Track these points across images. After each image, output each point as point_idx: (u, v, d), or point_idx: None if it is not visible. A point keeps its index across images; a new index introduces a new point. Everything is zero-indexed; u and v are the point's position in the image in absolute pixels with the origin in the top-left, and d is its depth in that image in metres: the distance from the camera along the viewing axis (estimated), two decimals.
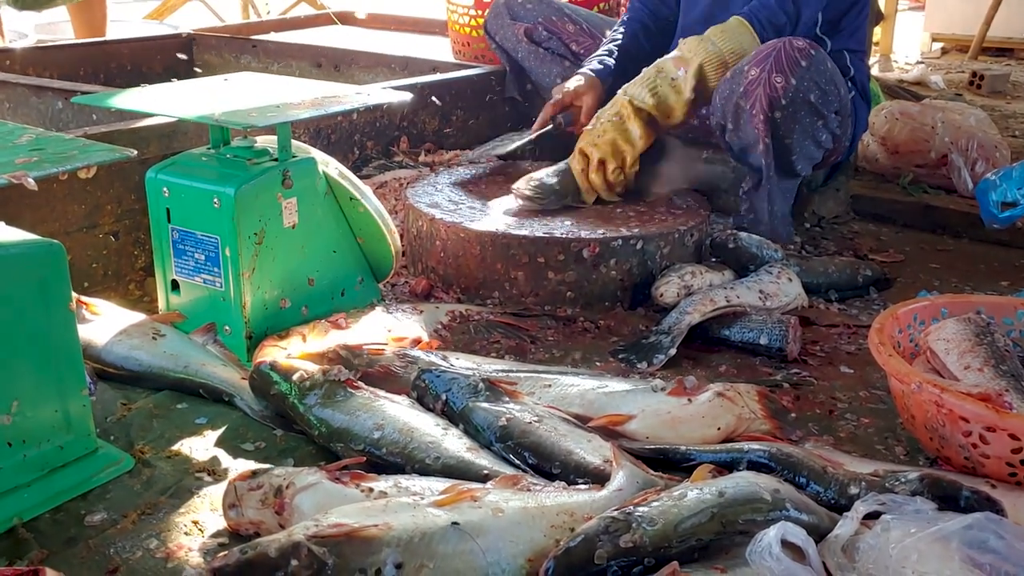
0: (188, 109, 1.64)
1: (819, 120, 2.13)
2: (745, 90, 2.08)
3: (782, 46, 2.05)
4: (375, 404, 1.42)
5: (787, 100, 2.06)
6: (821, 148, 2.21)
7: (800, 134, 2.12)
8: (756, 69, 2.06)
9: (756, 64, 2.07)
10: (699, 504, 1.13)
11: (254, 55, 3.37)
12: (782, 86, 2.04)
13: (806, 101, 2.08)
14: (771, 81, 2.04)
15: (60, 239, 1.80)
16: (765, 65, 2.05)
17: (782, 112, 2.07)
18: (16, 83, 2.54)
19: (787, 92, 2.05)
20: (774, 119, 2.08)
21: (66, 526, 1.25)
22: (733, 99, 2.11)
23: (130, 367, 1.61)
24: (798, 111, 2.08)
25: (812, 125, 2.13)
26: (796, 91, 2.05)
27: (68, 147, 1.27)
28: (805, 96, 2.07)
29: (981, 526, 1.08)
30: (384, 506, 1.14)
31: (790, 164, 2.18)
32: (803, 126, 2.11)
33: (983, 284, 2.19)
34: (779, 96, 2.05)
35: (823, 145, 2.20)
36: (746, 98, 2.09)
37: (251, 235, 1.64)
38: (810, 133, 2.14)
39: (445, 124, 2.64)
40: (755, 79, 2.06)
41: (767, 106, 2.06)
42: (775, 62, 2.04)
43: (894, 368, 1.38)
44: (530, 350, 1.79)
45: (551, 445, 1.34)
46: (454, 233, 1.98)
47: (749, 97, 2.08)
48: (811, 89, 2.07)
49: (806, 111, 2.09)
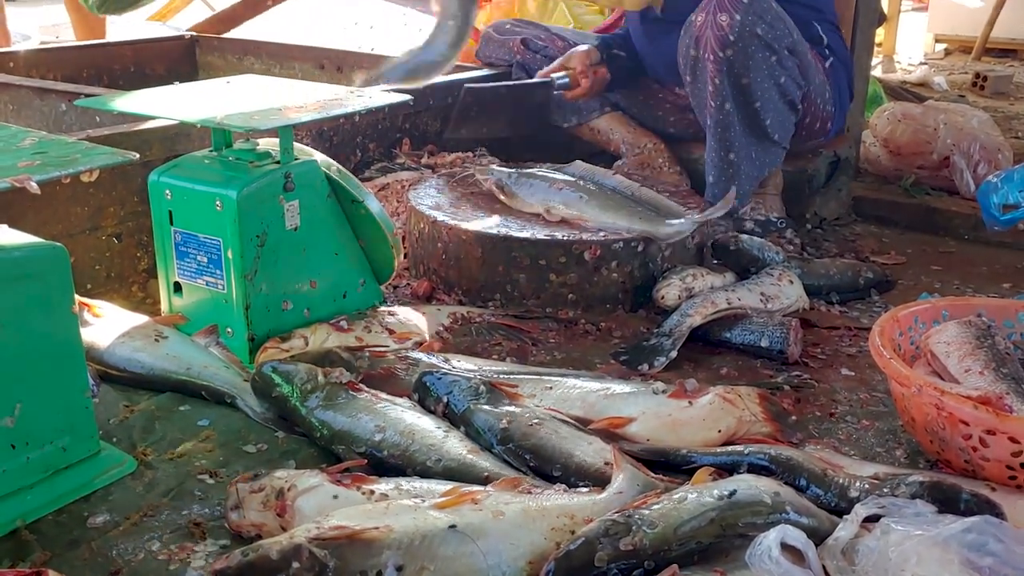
0: (190, 112, 1.65)
1: (772, 56, 2.15)
2: (696, 37, 2.14)
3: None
4: (376, 406, 1.42)
5: (735, 36, 2.10)
6: (786, 98, 2.22)
7: (756, 72, 2.14)
8: (702, 15, 2.13)
9: (701, 10, 2.14)
10: (699, 507, 1.13)
11: (257, 56, 3.38)
12: (727, 23, 2.09)
13: (754, 34, 2.11)
14: (716, 21, 2.10)
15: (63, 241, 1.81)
16: (708, 7, 2.12)
17: (732, 49, 2.11)
18: (20, 85, 2.55)
19: (733, 28, 2.09)
20: (727, 58, 2.12)
21: (69, 528, 1.26)
22: (689, 51, 2.17)
23: (133, 369, 1.61)
24: (748, 45, 2.11)
25: (766, 61, 2.15)
26: (742, 25, 2.09)
27: (71, 151, 1.27)
28: (752, 29, 2.10)
29: (980, 529, 1.08)
30: (385, 508, 1.14)
31: (756, 116, 2.19)
32: (756, 62, 2.14)
33: (985, 286, 2.19)
34: (726, 33, 2.10)
35: (787, 93, 2.21)
36: (697, 46, 2.15)
37: (253, 237, 1.64)
38: (766, 72, 2.16)
39: (447, 126, 2.64)
40: (702, 23, 2.13)
41: (718, 46, 2.11)
42: (717, 3, 2.10)
43: (894, 371, 1.38)
44: (531, 352, 1.80)
45: (552, 447, 1.35)
46: (456, 235, 1.98)
47: (700, 43, 2.14)
48: (757, 23, 2.11)
49: (756, 44, 2.12)
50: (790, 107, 2.25)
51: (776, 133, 2.24)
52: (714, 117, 2.19)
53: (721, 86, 2.14)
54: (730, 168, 2.22)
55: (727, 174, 2.22)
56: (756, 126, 2.20)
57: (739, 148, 2.20)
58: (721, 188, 2.21)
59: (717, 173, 2.24)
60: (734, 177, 2.22)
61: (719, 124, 2.19)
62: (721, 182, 2.23)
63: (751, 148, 2.22)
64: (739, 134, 2.19)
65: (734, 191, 2.11)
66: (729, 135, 2.19)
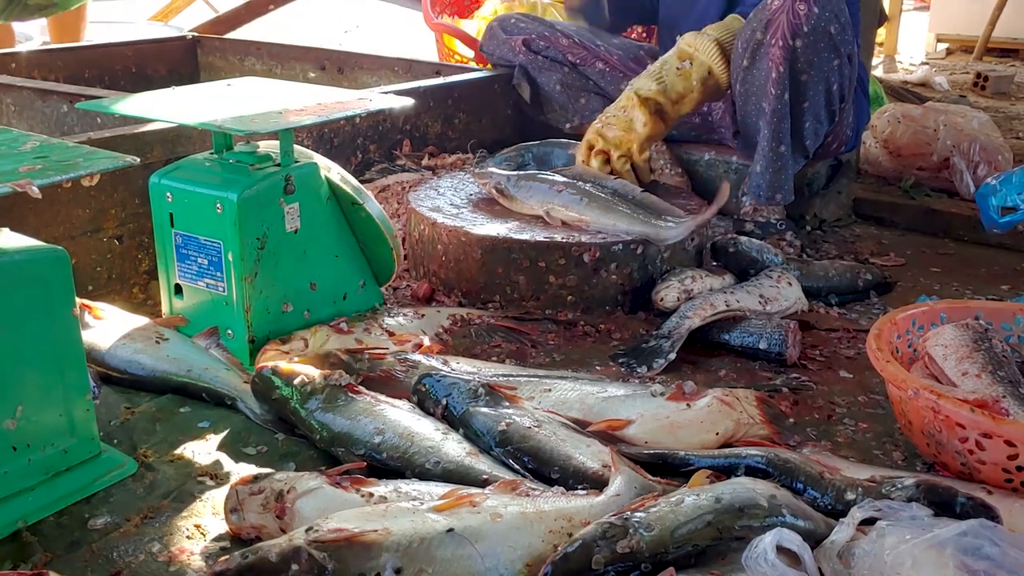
0: (191, 115, 1.66)
1: (835, 59, 2.13)
2: (767, 21, 2.11)
3: None
4: (376, 409, 1.43)
5: (809, 28, 2.08)
6: (830, 107, 2.19)
7: (817, 71, 2.12)
8: (779, 0, 2.09)
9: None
10: (696, 510, 1.14)
11: (258, 57, 3.39)
12: (805, 13, 2.07)
13: (827, 31, 2.09)
14: (795, 8, 2.07)
15: (64, 243, 1.82)
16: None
17: (803, 40, 2.09)
18: (22, 87, 2.56)
19: (809, 19, 2.07)
20: (794, 48, 2.10)
21: (70, 530, 1.27)
22: (754, 34, 2.14)
23: (133, 371, 1.62)
24: (819, 41, 2.09)
25: (828, 62, 2.13)
26: (818, 19, 2.07)
27: (72, 155, 1.28)
28: (826, 26, 2.08)
29: (976, 533, 1.09)
30: (384, 511, 1.15)
31: (800, 116, 2.17)
32: (821, 60, 2.12)
33: (984, 288, 2.20)
34: (801, 23, 2.08)
35: (832, 102, 2.19)
36: (767, 29, 2.12)
37: (254, 240, 1.65)
38: (825, 73, 2.13)
39: (448, 127, 2.65)
40: (779, 7, 2.10)
41: (789, 33, 2.08)
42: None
43: (891, 374, 1.38)
44: (531, 354, 1.80)
45: (550, 450, 1.35)
46: (455, 237, 1.99)
47: (771, 27, 2.11)
48: (832, 21, 2.09)
49: (825, 43, 2.10)
50: (829, 117, 2.23)
51: (808, 139, 2.23)
52: (772, 106, 2.16)
53: (783, 75, 2.12)
54: (779, 160, 2.19)
55: (775, 166, 2.20)
56: (797, 125, 2.19)
57: (788, 143, 2.19)
58: (767, 179, 2.20)
59: (765, 163, 2.20)
60: (782, 170, 2.20)
61: (776, 114, 2.16)
62: (768, 173, 2.20)
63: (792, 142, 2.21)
64: (788, 129, 2.17)
65: (727, 186, 2.10)
66: (783, 127, 2.17)
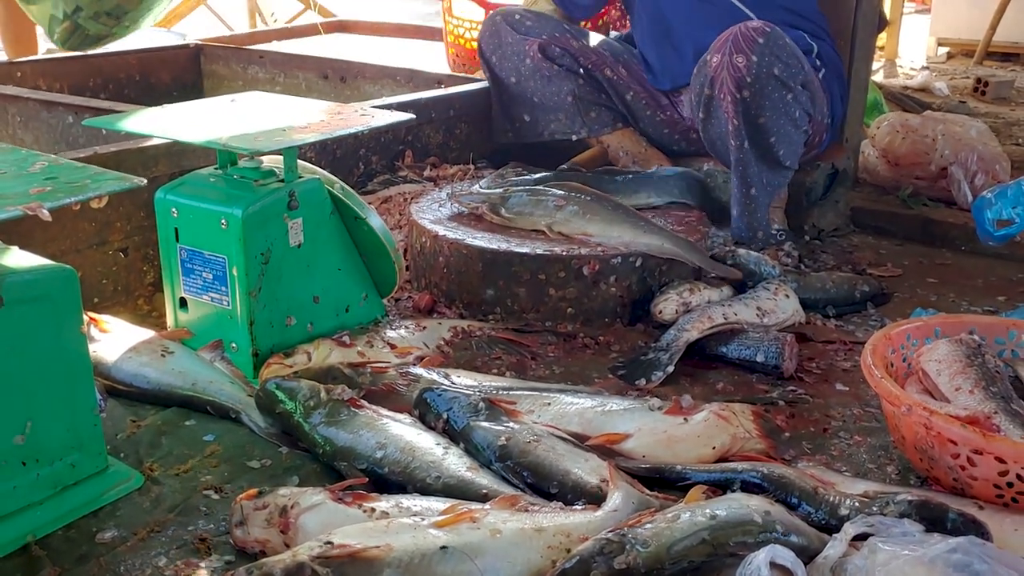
0: (195, 133, 1.68)
1: (788, 93, 2.17)
2: (712, 78, 2.16)
3: (737, 29, 2.14)
4: (378, 423, 1.45)
5: (752, 77, 2.12)
6: (799, 129, 2.24)
7: (772, 111, 2.16)
8: (717, 56, 2.14)
9: (716, 51, 2.15)
10: (692, 526, 1.16)
11: (261, 66, 3.41)
12: (744, 64, 2.11)
13: (771, 75, 2.13)
14: (733, 63, 2.12)
15: (70, 256, 1.86)
16: (724, 49, 2.13)
17: (749, 90, 2.13)
18: (28, 98, 2.58)
19: (750, 69, 2.11)
20: (743, 99, 2.14)
21: (78, 543, 1.29)
22: (703, 89, 2.19)
23: (139, 384, 1.65)
24: (765, 86, 2.13)
25: (782, 100, 2.17)
26: (759, 67, 2.11)
27: (80, 176, 1.30)
28: (769, 70, 2.12)
29: (966, 550, 1.11)
30: (386, 527, 1.17)
31: (770, 149, 2.21)
32: (773, 101, 2.16)
33: (980, 299, 2.22)
34: (743, 75, 2.12)
35: (799, 124, 2.23)
36: (713, 86, 2.17)
37: (258, 255, 1.67)
38: (782, 109, 2.18)
39: (449, 138, 2.67)
40: (718, 64, 2.14)
41: (734, 87, 2.12)
42: (733, 44, 2.12)
43: (885, 391, 1.41)
44: (531, 366, 1.83)
45: (549, 465, 1.38)
46: (457, 249, 2.01)
47: (716, 83, 2.16)
48: (774, 63, 2.13)
49: (773, 85, 2.14)
50: (802, 135, 2.27)
51: (788, 160, 2.27)
52: (735, 156, 2.22)
53: (739, 126, 2.17)
54: (751, 203, 2.25)
55: (749, 208, 2.26)
56: (769, 157, 2.23)
57: (757, 182, 2.24)
58: (745, 222, 2.26)
59: (740, 208, 2.27)
60: (756, 210, 2.26)
61: (740, 163, 2.22)
62: (744, 216, 2.26)
63: (763, 176, 2.26)
64: (756, 171, 2.22)
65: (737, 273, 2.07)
66: (749, 172, 2.22)
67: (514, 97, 2.67)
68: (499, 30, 2.65)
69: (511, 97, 2.68)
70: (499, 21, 2.66)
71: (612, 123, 2.62)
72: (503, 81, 2.68)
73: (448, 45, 3.36)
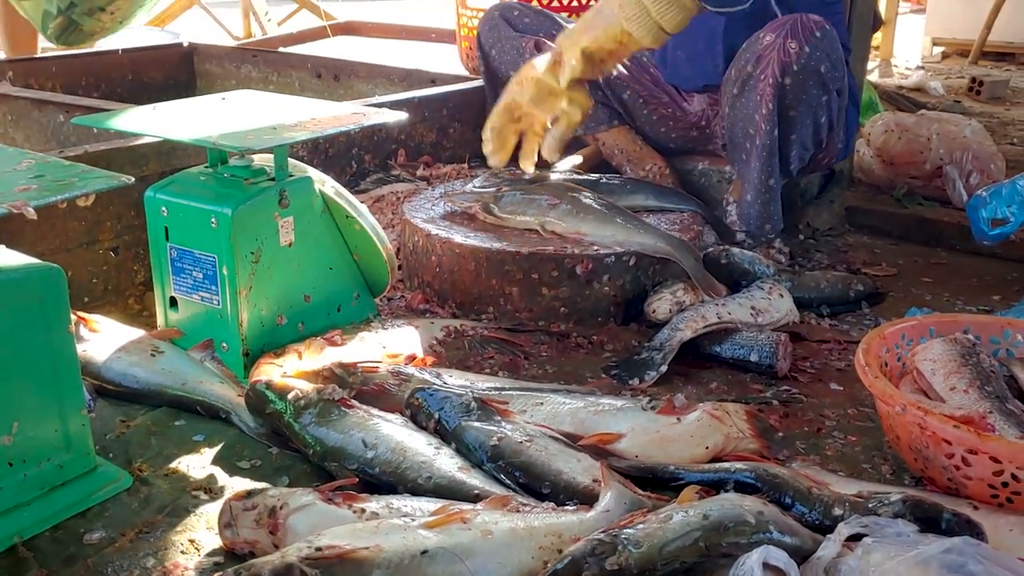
0: (185, 131, 1.67)
1: (824, 95, 2.14)
2: (758, 56, 2.12)
3: (797, 17, 2.10)
4: (368, 423, 1.44)
5: (799, 67, 2.09)
6: (817, 137, 2.21)
7: (805, 107, 2.14)
8: (771, 35, 2.11)
9: (771, 31, 2.11)
10: (684, 527, 1.15)
11: (254, 65, 3.40)
12: (796, 52, 2.08)
13: (816, 70, 2.10)
14: (786, 46, 2.08)
15: (60, 255, 1.85)
16: (781, 31, 2.09)
17: (792, 79, 2.10)
18: (18, 96, 2.57)
19: (800, 58, 2.08)
20: (783, 85, 2.10)
21: (65, 545, 1.28)
22: (745, 67, 2.15)
23: (128, 384, 1.63)
24: (808, 79, 2.10)
25: (818, 99, 2.14)
26: (808, 58, 2.08)
27: (67, 173, 1.29)
28: (816, 65, 2.09)
29: (960, 551, 1.10)
30: (375, 528, 1.16)
31: (786, 148, 2.18)
32: (810, 97, 2.13)
33: (975, 298, 2.21)
34: (791, 62, 2.08)
35: (820, 131, 2.20)
36: (758, 64, 2.13)
37: (248, 254, 1.66)
38: (814, 108, 2.15)
39: (442, 137, 2.66)
40: (770, 44, 2.10)
41: (779, 71, 2.09)
42: (791, 28, 2.08)
43: (879, 390, 1.40)
44: (524, 366, 1.82)
45: (541, 465, 1.37)
46: (449, 248, 2.00)
47: (762, 62, 2.12)
48: (823, 60, 2.10)
49: (814, 81, 2.11)
50: (816, 145, 2.24)
51: (792, 163, 2.24)
52: (763, 140, 2.17)
53: (772, 112, 2.13)
54: (768, 193, 2.21)
55: (764, 198, 2.21)
56: (782, 153, 2.20)
57: (777, 175, 2.20)
58: (757, 209, 2.22)
59: (755, 195, 2.22)
60: (771, 202, 2.21)
61: (766, 148, 2.18)
62: (758, 203, 2.22)
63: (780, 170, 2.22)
64: (777, 164, 2.18)
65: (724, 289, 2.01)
66: (772, 161, 2.19)
67: None
68: (497, 25, 2.63)
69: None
70: (497, 16, 2.64)
71: (608, 120, 2.60)
72: (500, 75, 2.64)
73: (461, 39, 3.34)
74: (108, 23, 3.07)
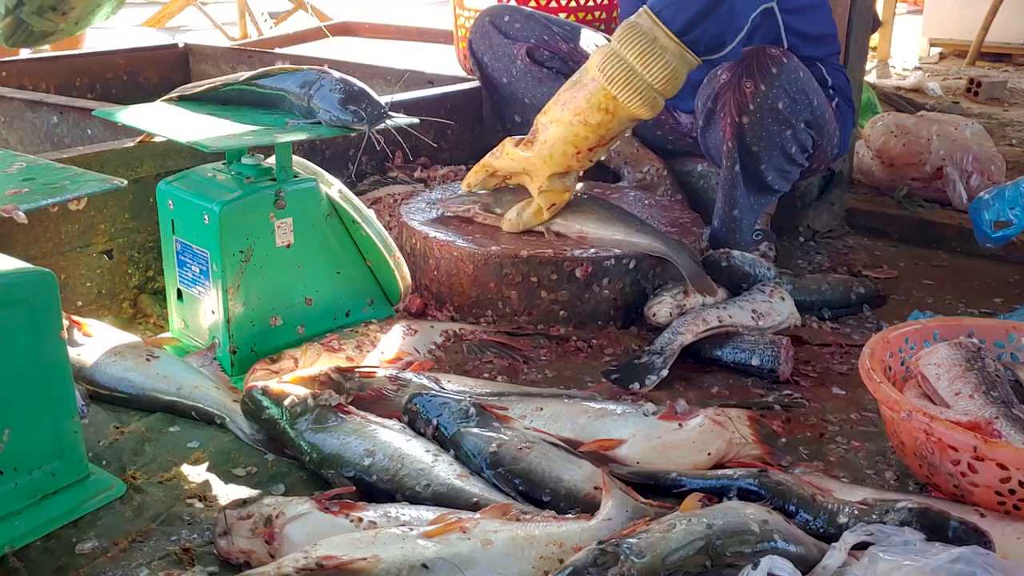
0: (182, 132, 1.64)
1: (787, 130, 2.11)
2: (716, 93, 2.10)
3: (755, 52, 2.07)
4: (366, 429, 1.42)
5: (755, 105, 2.06)
6: (793, 162, 2.19)
7: (767, 142, 2.11)
8: (727, 74, 2.08)
9: (728, 69, 2.09)
10: (687, 536, 1.13)
11: (250, 65, 3.37)
12: (751, 91, 2.05)
13: (774, 108, 2.07)
14: (740, 85, 2.05)
15: (54, 259, 1.82)
16: (736, 70, 2.07)
17: (750, 117, 2.07)
18: (11, 97, 2.54)
19: (755, 97, 2.05)
20: (741, 124, 2.09)
21: (57, 554, 1.26)
22: (707, 102, 2.14)
23: (123, 389, 1.61)
24: (765, 118, 2.08)
25: (780, 134, 2.11)
26: (765, 97, 2.05)
27: (59, 176, 1.27)
28: (773, 103, 2.06)
29: (968, 560, 1.08)
30: (373, 537, 1.14)
31: (759, 175, 2.16)
32: (770, 134, 2.10)
33: (977, 301, 2.20)
34: (747, 101, 2.06)
35: (794, 158, 2.18)
36: (716, 101, 2.11)
37: (236, 252, 1.65)
38: (777, 143, 2.12)
39: (440, 139, 2.64)
40: (726, 83, 2.08)
41: (736, 110, 2.07)
42: (746, 68, 2.06)
43: (884, 396, 1.38)
44: (523, 370, 1.80)
45: (541, 472, 1.35)
46: (447, 252, 1.98)
47: (719, 100, 2.10)
48: (780, 97, 2.06)
49: (773, 118, 2.08)
50: (796, 167, 2.22)
51: (776, 185, 2.21)
52: (724, 175, 2.16)
53: (733, 148, 2.11)
54: (732, 223, 2.20)
55: (729, 227, 2.20)
56: (758, 182, 2.18)
57: (742, 205, 2.19)
58: (722, 237, 2.20)
59: (719, 224, 2.21)
60: (736, 231, 2.20)
61: (727, 182, 2.16)
62: (723, 231, 2.21)
63: (751, 199, 2.20)
64: (742, 193, 2.16)
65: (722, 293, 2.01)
66: (735, 194, 2.17)
67: (506, 98, 2.64)
68: (488, 32, 2.62)
69: (503, 98, 2.65)
70: (487, 23, 2.62)
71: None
72: (495, 81, 2.64)
73: (459, 40, 3.32)
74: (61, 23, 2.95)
